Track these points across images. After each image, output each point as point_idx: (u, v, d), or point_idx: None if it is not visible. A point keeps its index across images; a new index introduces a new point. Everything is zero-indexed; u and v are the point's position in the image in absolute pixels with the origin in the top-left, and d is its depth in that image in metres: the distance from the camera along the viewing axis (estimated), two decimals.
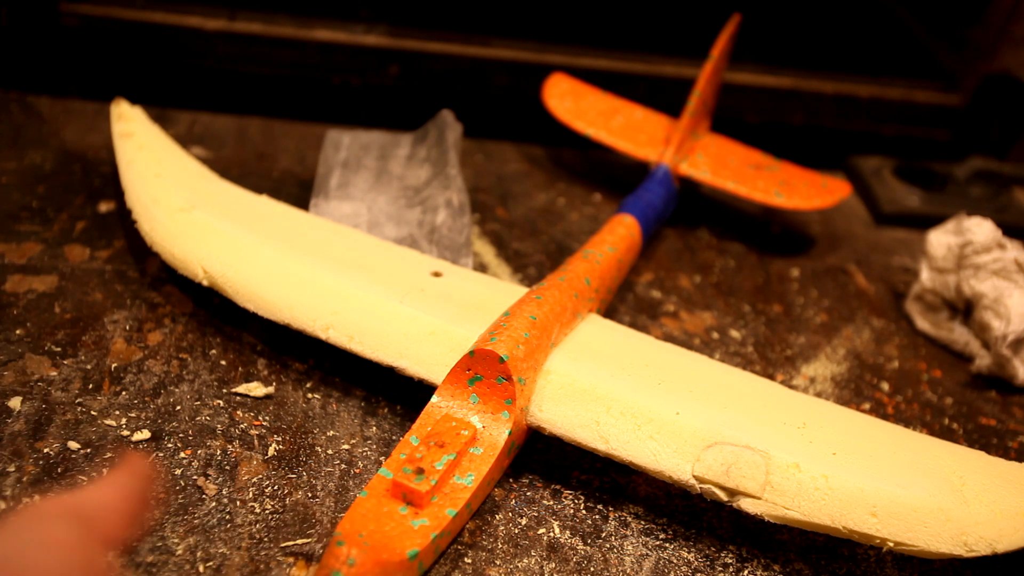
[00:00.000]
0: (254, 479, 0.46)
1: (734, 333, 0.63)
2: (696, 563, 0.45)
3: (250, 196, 0.60)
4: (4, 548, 0.25)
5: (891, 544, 0.42)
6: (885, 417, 0.57)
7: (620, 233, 0.60)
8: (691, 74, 0.79)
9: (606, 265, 0.56)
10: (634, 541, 0.46)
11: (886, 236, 0.78)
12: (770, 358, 0.61)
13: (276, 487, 0.45)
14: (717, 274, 0.69)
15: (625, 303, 0.64)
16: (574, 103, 0.77)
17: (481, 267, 0.65)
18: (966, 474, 0.45)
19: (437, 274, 0.55)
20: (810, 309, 0.67)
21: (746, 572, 0.45)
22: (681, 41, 0.91)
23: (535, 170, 0.79)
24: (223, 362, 0.53)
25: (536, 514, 0.46)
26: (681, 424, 0.46)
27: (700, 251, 0.72)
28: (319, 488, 0.46)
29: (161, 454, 0.46)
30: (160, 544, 0.41)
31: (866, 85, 0.93)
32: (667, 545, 0.46)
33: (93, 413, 0.48)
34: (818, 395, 0.58)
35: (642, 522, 0.47)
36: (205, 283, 0.53)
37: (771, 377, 0.59)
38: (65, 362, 0.51)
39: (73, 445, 0.45)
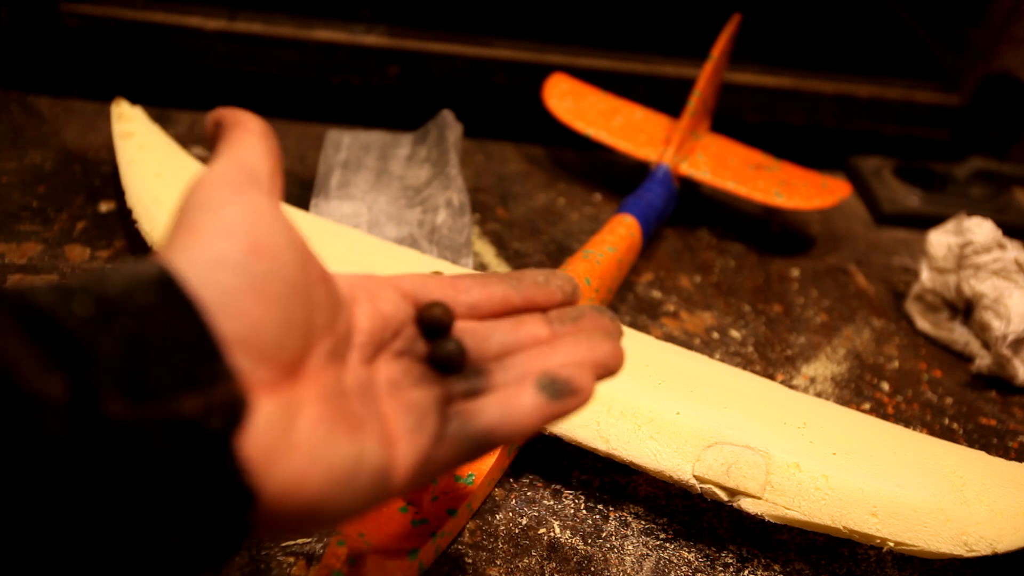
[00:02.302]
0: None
1: (734, 333, 0.63)
2: (696, 563, 0.45)
3: None
4: (233, 219, 0.26)
5: (891, 544, 0.42)
6: (885, 417, 0.57)
7: (620, 233, 0.60)
8: (691, 74, 0.79)
9: (606, 265, 0.56)
10: (634, 541, 0.46)
11: (886, 236, 0.78)
12: (770, 358, 0.61)
13: None
14: (717, 274, 0.69)
15: (625, 303, 0.64)
16: (574, 103, 0.77)
17: (481, 267, 0.65)
18: (966, 474, 0.45)
19: (437, 274, 0.55)
20: (810, 309, 0.67)
21: (746, 572, 0.45)
22: (681, 41, 0.91)
23: (535, 170, 0.79)
24: None
25: (536, 514, 0.46)
26: (681, 424, 0.46)
27: (700, 251, 0.72)
28: None
29: None
30: None
31: (866, 85, 0.93)
32: (667, 545, 0.46)
33: None
34: (818, 395, 0.58)
35: (642, 522, 0.47)
36: None
37: (771, 377, 0.59)
38: None
39: None
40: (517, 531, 0.45)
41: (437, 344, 0.31)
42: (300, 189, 0.70)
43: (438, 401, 0.30)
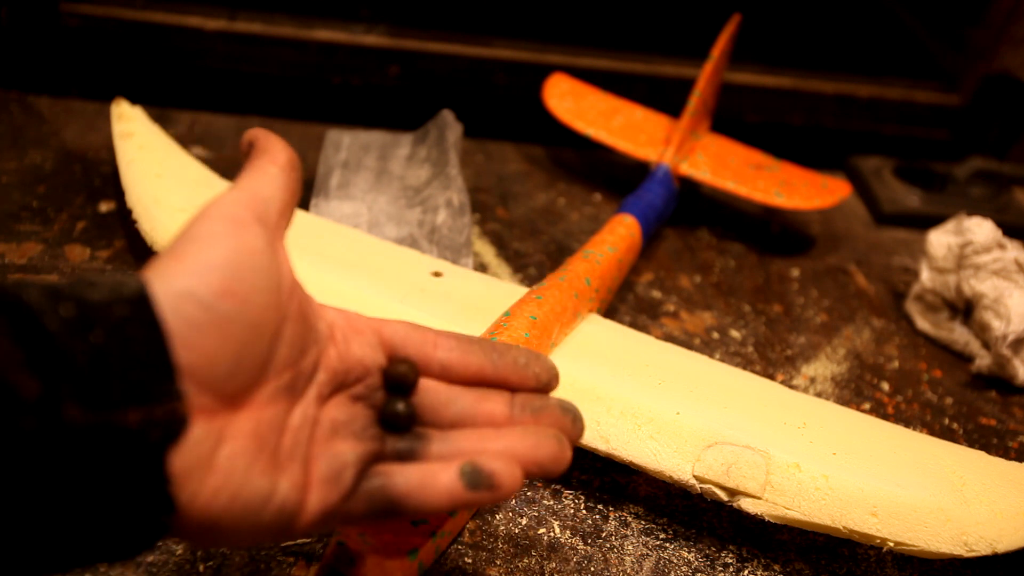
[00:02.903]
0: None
1: (734, 333, 0.63)
2: (696, 563, 0.45)
3: None
4: (215, 258, 0.27)
5: (891, 544, 0.42)
6: (885, 417, 0.57)
7: (620, 233, 0.60)
8: (691, 74, 0.79)
9: (606, 265, 0.56)
10: (634, 541, 0.46)
11: (886, 236, 0.78)
12: (770, 358, 0.61)
13: None
14: (717, 274, 0.69)
15: (625, 303, 0.64)
16: (574, 103, 0.77)
17: (481, 267, 0.65)
18: (966, 474, 0.45)
19: (437, 274, 0.55)
20: (810, 309, 0.67)
21: (746, 572, 0.45)
22: (681, 41, 0.91)
23: (535, 170, 0.79)
24: None
25: (536, 514, 0.46)
26: (681, 424, 0.46)
27: (700, 251, 0.72)
28: None
29: None
30: (160, 544, 0.41)
31: (866, 85, 0.93)
32: (667, 545, 0.46)
33: None
34: (818, 395, 0.58)
35: (642, 522, 0.47)
36: None
37: (771, 377, 0.59)
38: None
39: None
40: (517, 531, 0.45)
41: (390, 401, 0.32)
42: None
43: (365, 457, 0.31)
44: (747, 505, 0.44)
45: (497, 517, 0.46)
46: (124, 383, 0.24)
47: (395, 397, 0.33)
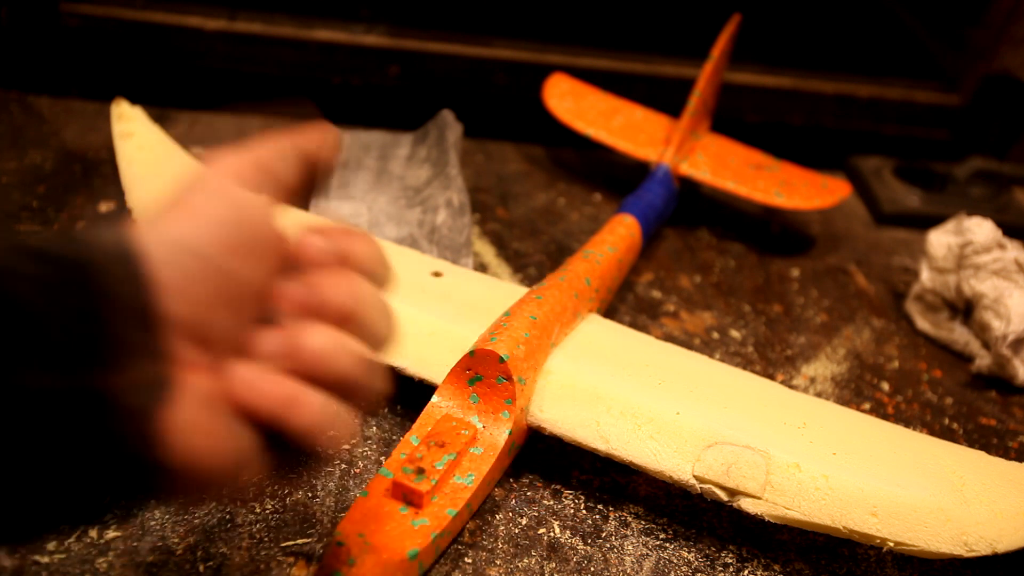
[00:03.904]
0: (254, 479, 0.45)
1: (734, 333, 0.63)
2: (696, 563, 0.45)
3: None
4: (212, 211, 0.28)
5: (891, 544, 0.42)
6: (885, 417, 0.57)
7: (620, 233, 0.60)
8: (691, 74, 0.78)
9: (606, 265, 0.56)
10: (634, 541, 0.46)
11: (886, 236, 0.78)
12: (770, 358, 0.61)
13: (276, 487, 0.45)
14: (717, 274, 0.69)
15: (625, 303, 0.64)
16: (574, 103, 0.77)
17: (481, 267, 0.65)
18: (966, 474, 0.45)
19: (437, 274, 0.55)
20: (810, 309, 0.67)
21: (746, 572, 0.45)
22: (681, 41, 0.91)
23: (535, 170, 0.79)
24: None
25: (536, 514, 0.46)
26: (681, 424, 0.46)
27: (700, 251, 0.72)
28: (319, 488, 0.46)
29: None
30: (160, 544, 0.41)
31: (866, 85, 0.93)
32: (667, 545, 0.46)
33: None
34: (818, 395, 0.58)
35: (642, 522, 0.47)
36: None
37: (771, 377, 0.59)
38: None
39: None
40: (517, 531, 0.45)
41: None
42: None
43: None
44: (747, 505, 0.44)
45: (497, 517, 0.46)
46: (106, 342, 0.24)
47: None
